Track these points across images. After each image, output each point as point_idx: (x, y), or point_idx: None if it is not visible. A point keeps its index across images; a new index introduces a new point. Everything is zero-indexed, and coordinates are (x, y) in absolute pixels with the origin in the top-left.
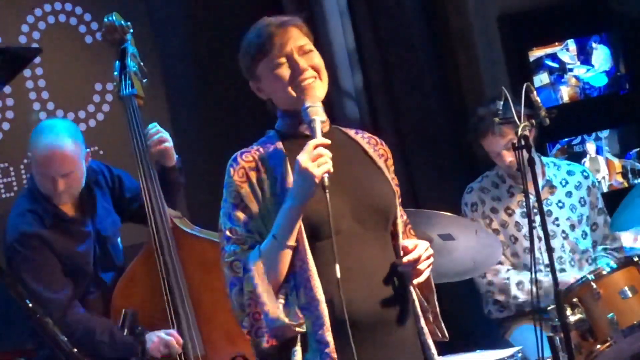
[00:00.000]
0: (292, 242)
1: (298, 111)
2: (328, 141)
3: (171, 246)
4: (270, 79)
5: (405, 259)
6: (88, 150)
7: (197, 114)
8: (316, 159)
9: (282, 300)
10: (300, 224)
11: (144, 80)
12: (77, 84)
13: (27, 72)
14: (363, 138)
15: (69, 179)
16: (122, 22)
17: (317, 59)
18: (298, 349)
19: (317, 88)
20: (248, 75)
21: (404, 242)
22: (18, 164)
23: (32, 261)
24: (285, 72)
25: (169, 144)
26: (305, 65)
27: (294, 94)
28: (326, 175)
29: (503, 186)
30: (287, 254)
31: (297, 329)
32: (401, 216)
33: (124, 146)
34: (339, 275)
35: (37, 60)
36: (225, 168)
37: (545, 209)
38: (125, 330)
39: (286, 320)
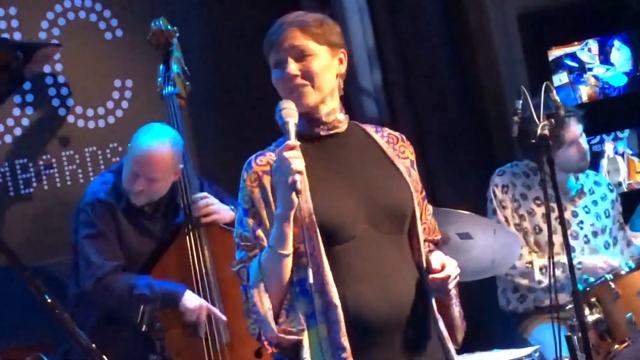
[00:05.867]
0: (287, 250)
1: (305, 112)
2: (297, 143)
3: (203, 238)
4: (273, 77)
5: (431, 277)
6: (182, 166)
7: (217, 112)
8: (284, 164)
9: (285, 307)
10: (291, 231)
11: (187, 83)
12: (96, 81)
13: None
14: (382, 137)
15: (152, 184)
16: (169, 26)
17: (314, 64)
18: (307, 357)
19: (307, 95)
20: None
21: (431, 257)
22: (37, 160)
23: (94, 227)
24: (278, 74)
25: (217, 216)
26: (294, 70)
27: (285, 96)
28: (298, 178)
29: (534, 178)
30: (286, 262)
31: (291, 336)
32: (425, 217)
33: None
34: None
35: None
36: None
37: (573, 209)
38: (144, 327)
39: (275, 329)
